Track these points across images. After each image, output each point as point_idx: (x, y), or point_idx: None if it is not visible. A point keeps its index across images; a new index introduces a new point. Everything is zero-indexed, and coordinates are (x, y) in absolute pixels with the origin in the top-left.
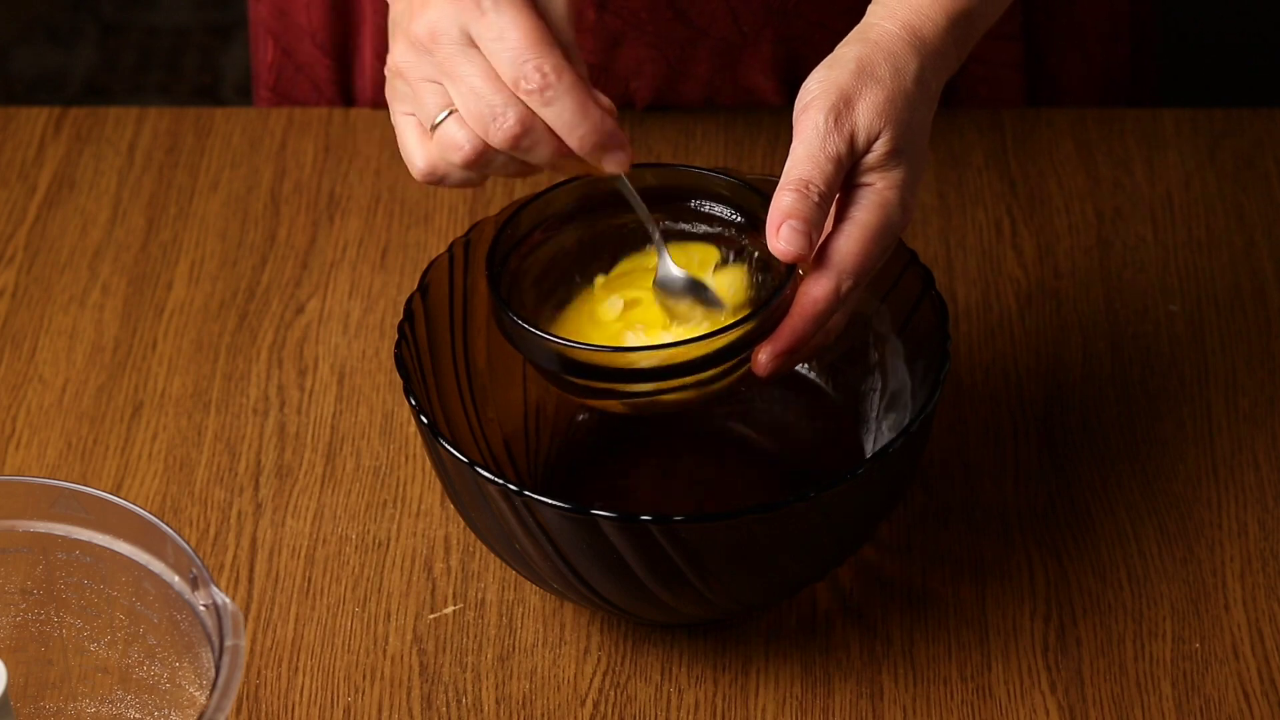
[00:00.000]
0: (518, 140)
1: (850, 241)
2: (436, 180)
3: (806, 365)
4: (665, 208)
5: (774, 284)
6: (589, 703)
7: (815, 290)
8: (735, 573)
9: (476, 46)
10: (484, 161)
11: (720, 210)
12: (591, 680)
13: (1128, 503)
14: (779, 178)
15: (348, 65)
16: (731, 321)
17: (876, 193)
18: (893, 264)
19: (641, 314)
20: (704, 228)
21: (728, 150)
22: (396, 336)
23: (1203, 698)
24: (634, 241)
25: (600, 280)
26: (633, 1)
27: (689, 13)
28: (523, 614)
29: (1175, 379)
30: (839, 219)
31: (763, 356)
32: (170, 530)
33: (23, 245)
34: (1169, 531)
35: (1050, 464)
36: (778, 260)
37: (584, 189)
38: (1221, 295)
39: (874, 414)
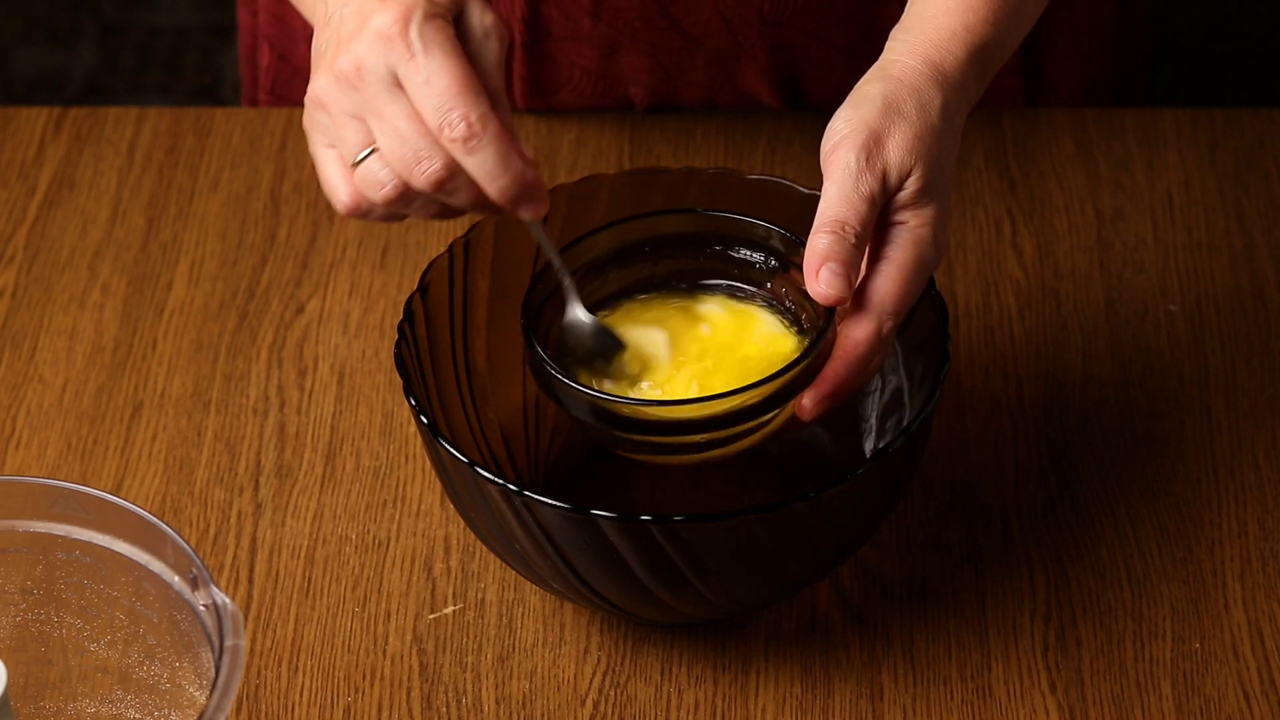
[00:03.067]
0: (440, 185)
1: (888, 282)
2: (361, 214)
3: None
4: (701, 254)
5: (813, 328)
6: (589, 703)
7: (857, 334)
8: (735, 573)
9: (402, 88)
10: (406, 201)
11: (754, 256)
12: (591, 680)
13: (1128, 503)
14: (779, 179)
15: None
16: (774, 372)
17: (910, 231)
18: None
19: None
20: (734, 274)
21: (728, 151)
22: (396, 336)
23: (1203, 698)
24: (668, 286)
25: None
26: (626, 11)
27: (683, 22)
28: (523, 614)
29: (1175, 379)
30: (874, 259)
31: (807, 402)
32: (170, 530)
33: (23, 245)
34: (1169, 531)
35: (1050, 464)
36: (813, 301)
37: (617, 238)
38: (1221, 295)
39: (874, 414)
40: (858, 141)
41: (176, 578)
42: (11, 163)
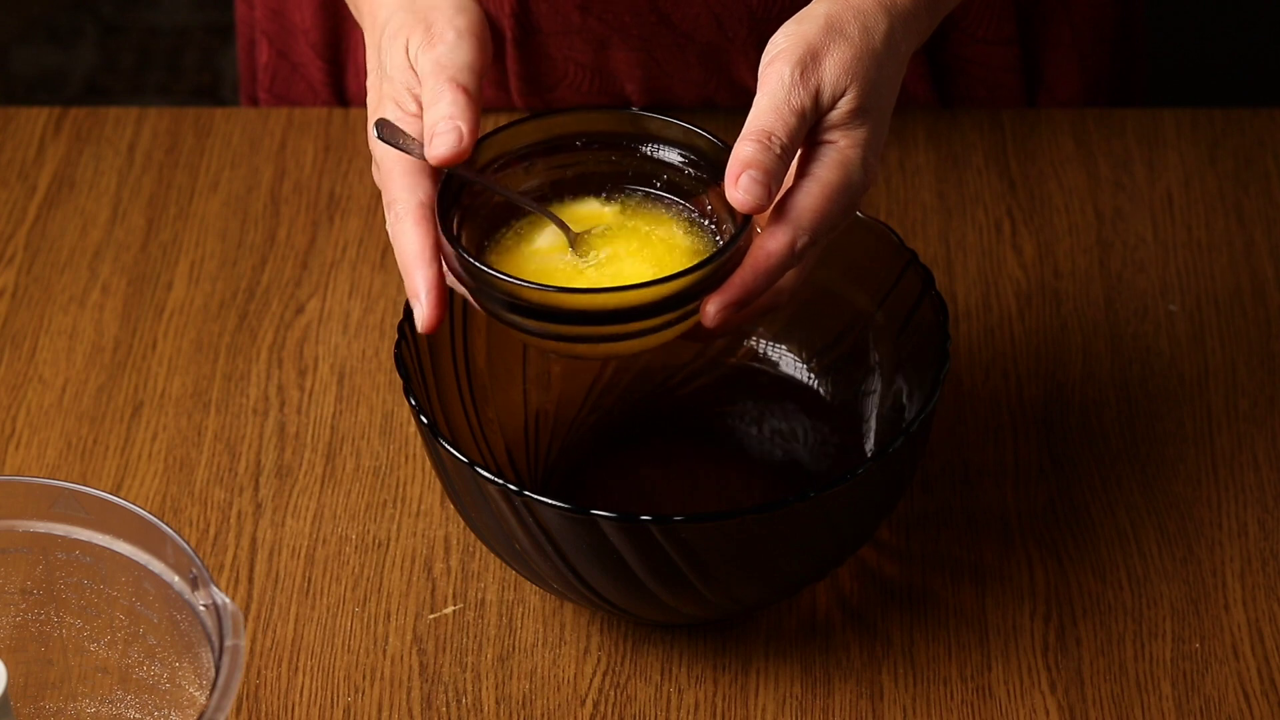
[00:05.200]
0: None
1: (809, 198)
2: None
3: (806, 366)
4: (621, 151)
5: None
6: (589, 703)
7: (770, 244)
8: (735, 573)
9: None
10: None
11: (676, 157)
12: (591, 680)
13: (1128, 503)
14: None
15: (341, 66)
16: (682, 269)
17: (839, 151)
18: (893, 264)
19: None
20: (661, 179)
21: None
22: (396, 336)
23: (1203, 698)
24: (594, 184)
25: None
26: (616, 5)
27: (672, 17)
28: (523, 614)
29: (1175, 379)
30: (799, 175)
31: (711, 307)
32: (170, 530)
33: (23, 245)
34: (1169, 531)
35: (1050, 464)
36: (734, 215)
37: (542, 130)
38: (1221, 295)
39: (874, 414)
40: (794, 56)
41: (176, 578)
42: (11, 163)
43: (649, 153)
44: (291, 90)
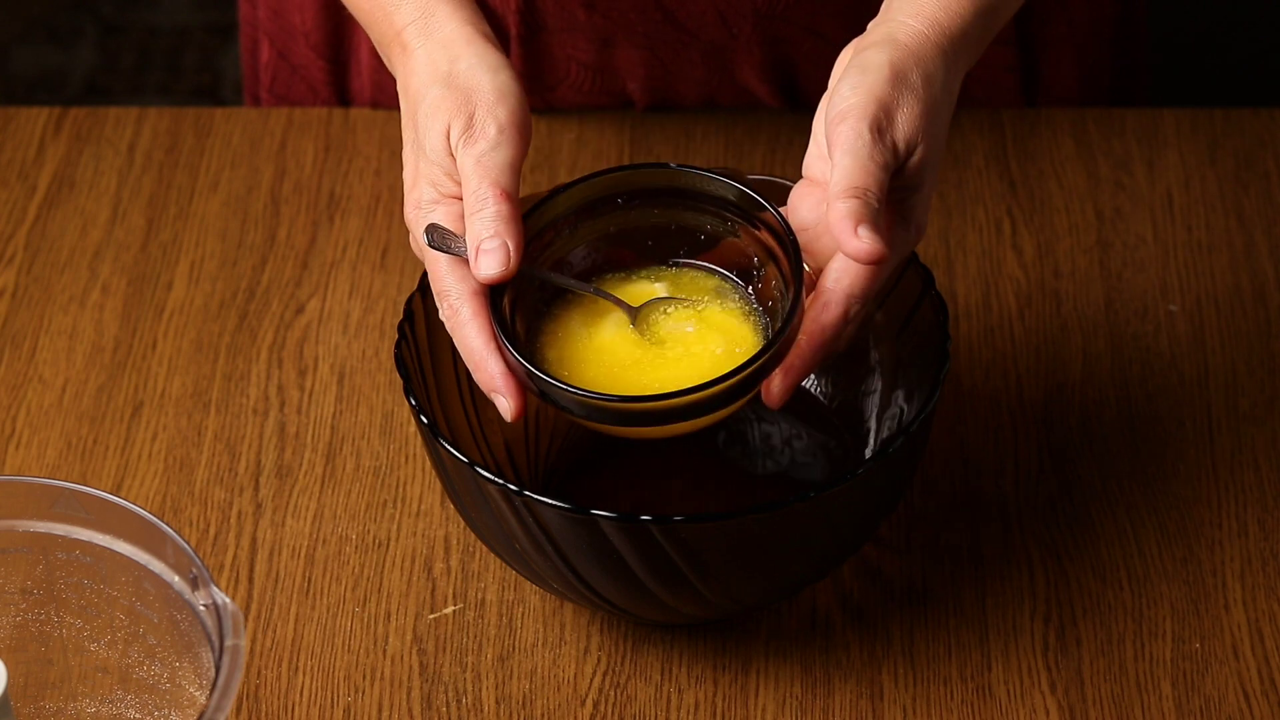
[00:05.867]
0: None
1: (859, 268)
2: None
3: None
4: (663, 205)
5: (781, 299)
6: (589, 703)
7: (825, 319)
8: (735, 573)
9: None
10: None
11: (716, 207)
12: (591, 680)
13: (1128, 503)
14: (779, 179)
15: (343, 66)
16: (740, 365)
17: (898, 207)
18: None
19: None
20: (705, 230)
21: (728, 151)
22: (396, 336)
23: (1203, 698)
24: (638, 239)
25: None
26: (620, 2)
27: (677, 14)
28: (523, 614)
29: (1175, 379)
30: None
31: (776, 390)
32: (170, 530)
33: (23, 245)
34: (1169, 531)
35: (1050, 464)
36: (775, 259)
37: (583, 194)
38: (1221, 295)
39: (874, 414)
40: (868, 113)
41: (176, 578)
42: (11, 163)
43: (690, 204)
44: (292, 91)
